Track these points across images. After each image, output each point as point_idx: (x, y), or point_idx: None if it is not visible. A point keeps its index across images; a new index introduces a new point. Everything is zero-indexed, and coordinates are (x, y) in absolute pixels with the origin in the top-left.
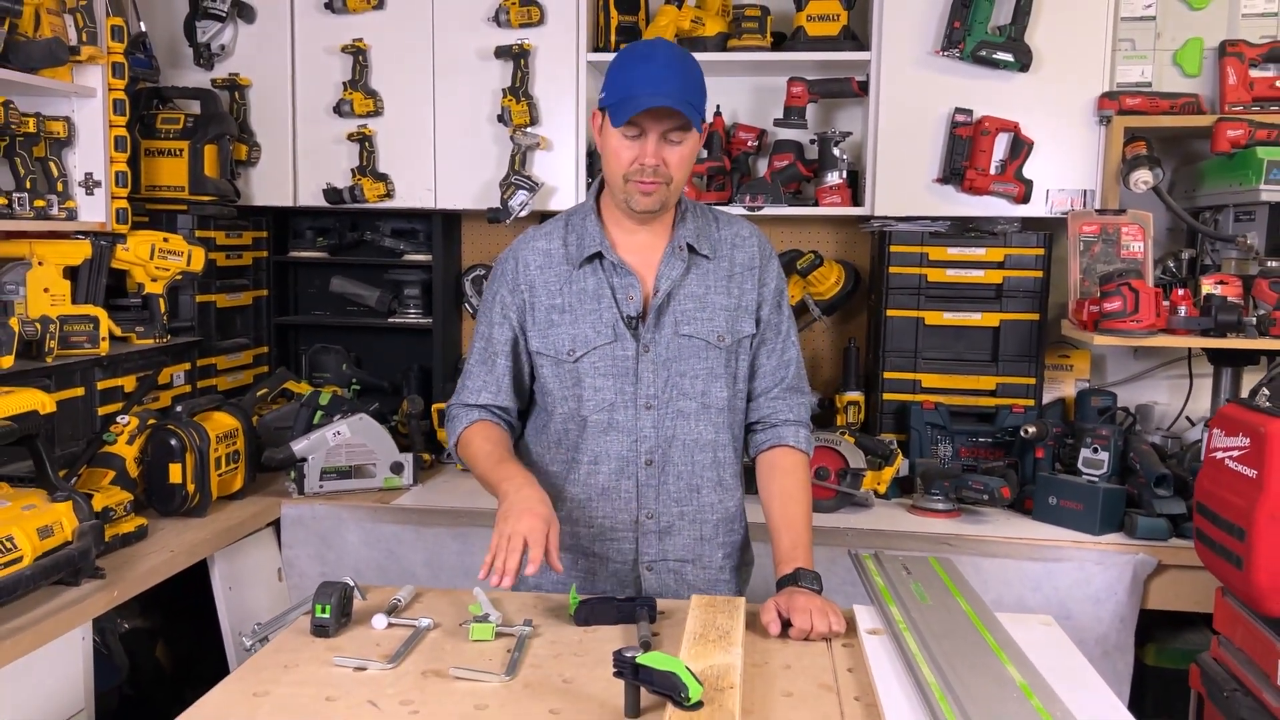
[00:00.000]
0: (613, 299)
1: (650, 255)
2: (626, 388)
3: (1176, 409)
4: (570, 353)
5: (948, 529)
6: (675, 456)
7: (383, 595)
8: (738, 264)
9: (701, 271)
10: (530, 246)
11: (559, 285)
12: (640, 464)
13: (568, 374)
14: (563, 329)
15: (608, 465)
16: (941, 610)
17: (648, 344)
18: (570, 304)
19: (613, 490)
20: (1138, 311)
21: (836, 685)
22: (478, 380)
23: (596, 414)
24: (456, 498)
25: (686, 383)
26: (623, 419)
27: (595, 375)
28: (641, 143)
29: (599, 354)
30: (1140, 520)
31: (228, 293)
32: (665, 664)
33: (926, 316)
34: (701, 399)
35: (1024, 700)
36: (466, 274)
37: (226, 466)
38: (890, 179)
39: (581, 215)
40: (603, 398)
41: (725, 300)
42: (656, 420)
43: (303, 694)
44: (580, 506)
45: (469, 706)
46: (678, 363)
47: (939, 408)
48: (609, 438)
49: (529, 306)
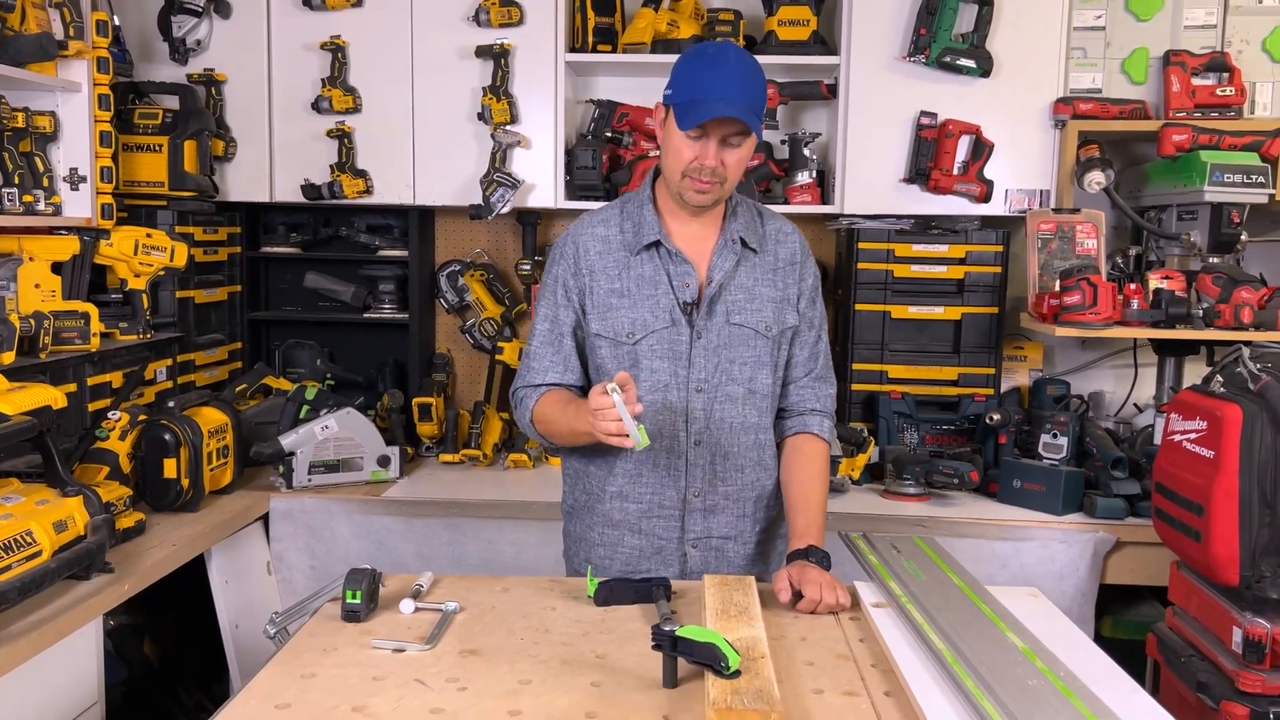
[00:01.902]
0: (669, 285)
1: (702, 245)
2: (680, 370)
3: (1123, 396)
4: (630, 335)
5: (919, 512)
6: (721, 438)
7: (400, 582)
8: (781, 259)
9: (750, 265)
10: (589, 233)
11: (618, 270)
12: (690, 444)
13: (625, 355)
14: (622, 312)
15: (658, 443)
16: (936, 585)
17: (701, 330)
18: (629, 288)
19: (663, 468)
20: (1096, 304)
21: (852, 654)
22: (544, 360)
23: (651, 394)
24: (443, 489)
25: (735, 369)
26: (675, 400)
27: (652, 357)
28: (703, 144)
29: (656, 337)
30: (1099, 501)
31: (205, 289)
32: (704, 636)
33: (893, 310)
34: (749, 385)
35: (1028, 662)
36: (441, 269)
37: (217, 461)
38: (858, 178)
39: (637, 204)
40: (658, 379)
41: (771, 292)
42: (705, 403)
43: (349, 675)
44: (631, 482)
45: (513, 681)
46: (728, 350)
47: (905, 397)
48: (661, 417)
49: (589, 290)
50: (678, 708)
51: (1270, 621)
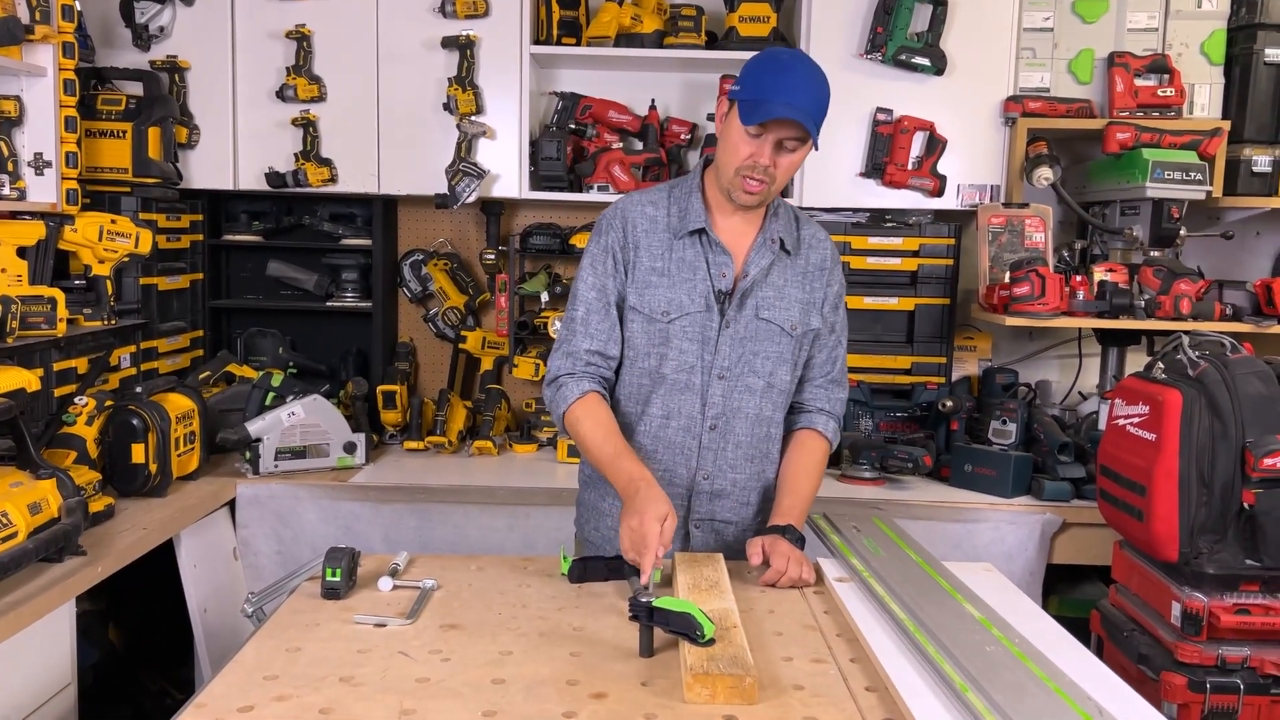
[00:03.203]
0: (707, 272)
1: (741, 239)
2: (706, 355)
3: (1067, 385)
4: (665, 314)
5: (875, 495)
6: (737, 426)
7: (376, 562)
8: (813, 263)
9: (783, 265)
10: (639, 211)
11: (661, 250)
12: (705, 427)
13: (658, 332)
14: (660, 291)
15: (678, 421)
16: (895, 561)
17: (730, 320)
18: (669, 269)
19: (677, 445)
20: (1044, 295)
21: (819, 625)
22: (592, 326)
23: (676, 373)
24: (409, 475)
25: (759, 362)
26: (698, 382)
27: (683, 338)
28: (761, 143)
29: (689, 320)
30: (1046, 484)
31: (168, 276)
32: (679, 606)
33: (848, 301)
34: (769, 379)
35: (985, 631)
36: (405, 258)
37: (184, 447)
38: (817, 172)
39: (686, 190)
40: (685, 359)
41: (800, 294)
42: (726, 390)
43: (334, 648)
44: (646, 457)
45: (495, 653)
46: (753, 342)
47: (861, 385)
48: (683, 397)
49: (633, 265)
50: (655, 675)
51: (1207, 595)
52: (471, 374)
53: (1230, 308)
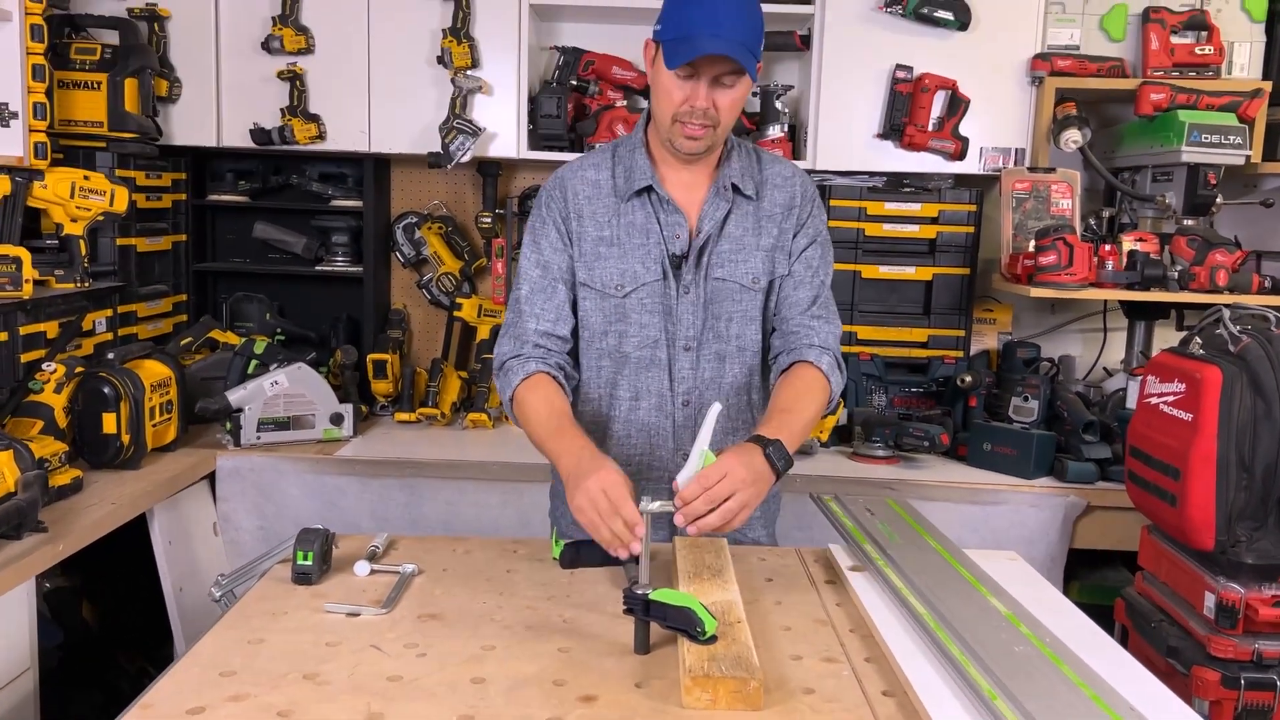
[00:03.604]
0: (660, 236)
1: (694, 194)
2: (669, 327)
3: (1091, 360)
4: (619, 287)
5: (888, 474)
6: (710, 399)
7: (354, 544)
8: (778, 204)
9: (742, 213)
10: (579, 176)
11: (607, 217)
12: (678, 404)
13: (613, 309)
14: (610, 263)
15: (648, 401)
16: (912, 548)
17: (688, 285)
18: (618, 237)
19: (652, 427)
20: (1072, 265)
21: (830, 619)
22: (536, 306)
23: (639, 350)
24: (398, 448)
25: (722, 325)
26: (664, 357)
27: (641, 312)
28: (693, 84)
29: (646, 291)
30: (1070, 464)
31: (148, 236)
32: (678, 600)
33: (863, 270)
34: (736, 342)
35: (1012, 627)
36: (397, 221)
37: (160, 417)
38: (831, 133)
39: (630, 148)
40: (647, 334)
41: (763, 241)
42: (694, 362)
43: (300, 640)
44: (620, 444)
45: (476, 647)
46: (714, 305)
47: (874, 359)
48: (650, 374)
49: (578, 237)
50: (651, 674)
51: (1244, 586)
52: (467, 343)
53: (1269, 280)
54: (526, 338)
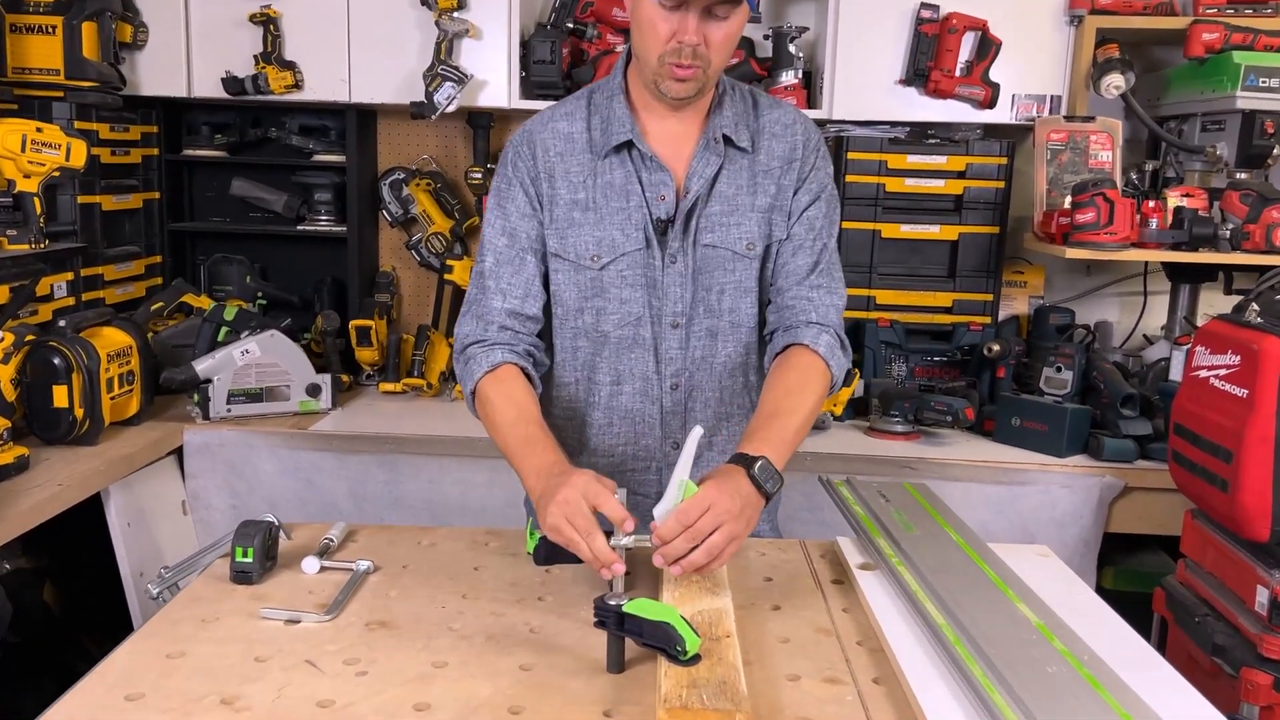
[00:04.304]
0: (642, 197)
1: (681, 147)
2: (654, 302)
3: (1129, 327)
4: (595, 258)
5: (907, 451)
6: (702, 381)
7: (310, 534)
8: (776, 156)
9: (736, 168)
10: (549, 129)
11: (582, 177)
12: (666, 388)
13: (590, 282)
14: (586, 230)
15: (631, 385)
16: (931, 541)
17: (674, 254)
18: (595, 200)
19: (636, 415)
20: (1112, 223)
21: (835, 629)
22: (502, 281)
23: (620, 329)
24: (381, 422)
25: (713, 298)
26: (648, 336)
27: (622, 286)
28: (682, 16)
29: (627, 261)
30: (1107, 442)
31: (114, 194)
32: (655, 612)
33: (883, 229)
34: (729, 317)
35: (1044, 642)
36: (384, 177)
37: (119, 389)
38: (849, 79)
39: (607, 94)
40: (629, 310)
41: (758, 200)
42: (682, 340)
43: (226, 653)
44: (600, 433)
45: (425, 664)
46: (704, 275)
47: (894, 325)
48: (633, 356)
49: (549, 200)
50: (624, 698)
51: None
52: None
53: None
54: (491, 318)
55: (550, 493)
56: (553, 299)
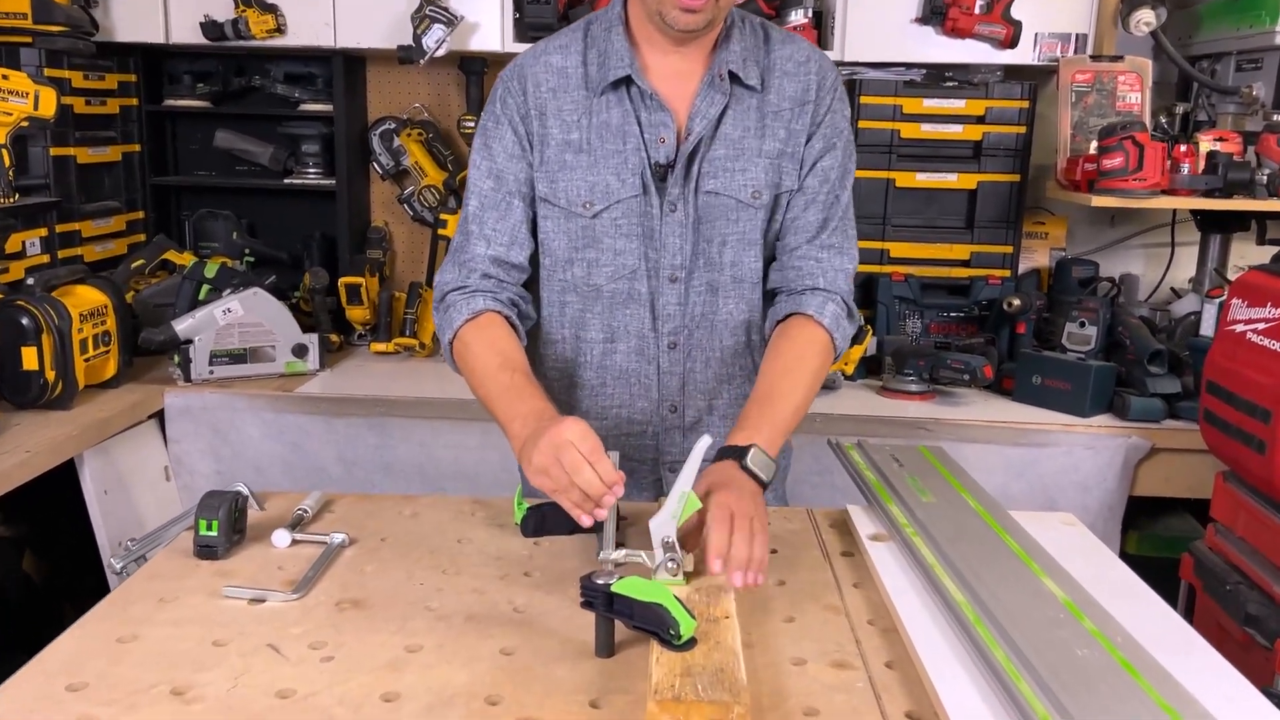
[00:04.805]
0: (640, 140)
1: (684, 85)
2: (651, 253)
3: (1154, 280)
4: (587, 205)
5: (923, 412)
6: (702, 339)
7: (285, 504)
8: (788, 96)
9: (743, 108)
10: (542, 63)
11: (576, 116)
12: (663, 346)
13: (580, 231)
14: (578, 174)
15: (625, 344)
16: (948, 509)
17: (674, 202)
18: (589, 141)
19: (630, 375)
20: (1141, 169)
21: (845, 606)
22: (486, 227)
23: (614, 283)
24: (371, 383)
25: (714, 250)
26: (644, 291)
27: (616, 236)
28: None
29: (623, 209)
30: (1133, 400)
31: (90, 146)
32: (647, 592)
33: (897, 178)
34: (731, 271)
35: (1073, 621)
36: (374, 127)
37: (94, 350)
38: (862, 18)
39: (605, 26)
40: (623, 263)
41: (766, 145)
42: (681, 296)
43: (182, 636)
44: (593, 395)
45: (398, 649)
46: (706, 225)
47: (909, 280)
48: (628, 311)
49: (540, 140)
50: (612, 686)
51: None
52: None
53: None
54: (474, 265)
55: (537, 435)
56: (540, 248)
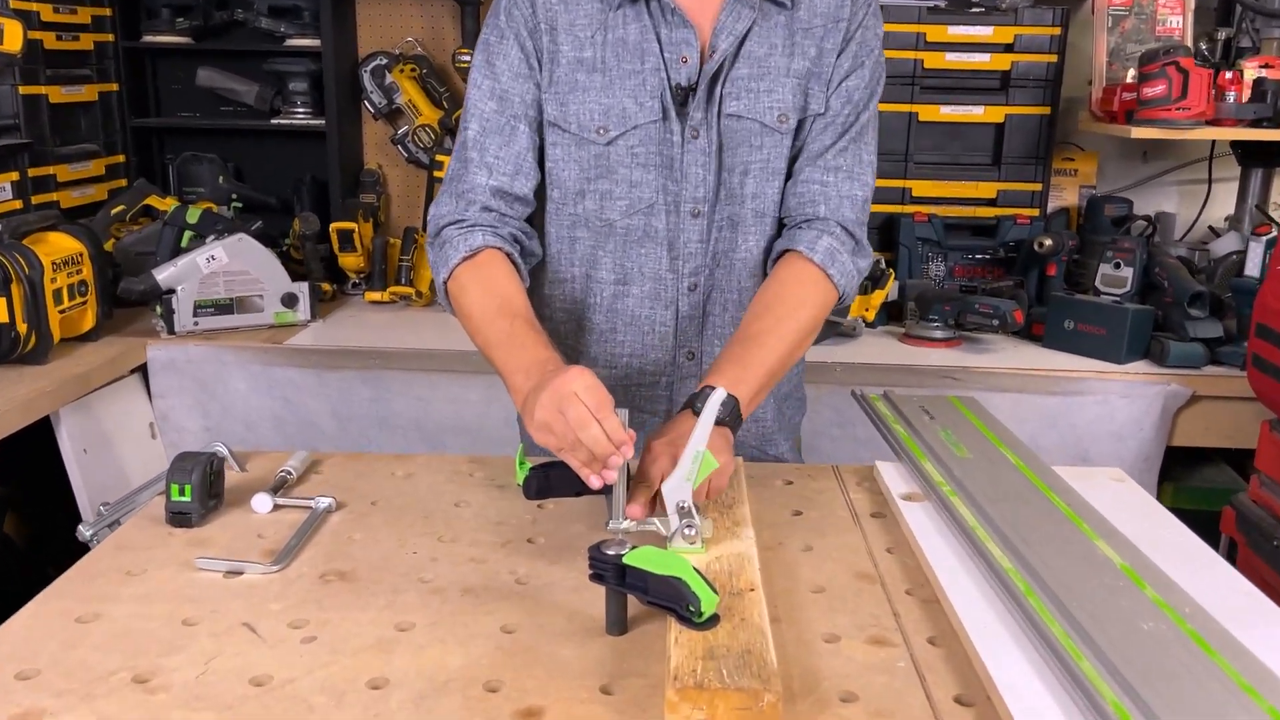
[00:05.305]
0: (660, 59)
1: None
2: (670, 185)
3: (1188, 218)
4: (601, 130)
5: (948, 360)
6: (721, 280)
7: (269, 465)
8: (819, 13)
9: (770, 25)
10: None
11: (590, 31)
12: (682, 288)
13: (594, 160)
14: (592, 95)
15: (640, 287)
16: (986, 465)
17: (696, 127)
18: (604, 60)
19: (645, 321)
20: (1185, 97)
21: (879, 573)
22: (488, 154)
23: (628, 218)
24: (364, 335)
25: (735, 180)
26: (662, 227)
27: (633, 165)
28: None
29: (640, 135)
30: (1172, 345)
31: (64, 85)
32: (664, 564)
33: (920, 111)
34: (753, 204)
35: (1134, 590)
36: (364, 63)
37: (70, 301)
38: None
39: None
40: (640, 195)
41: (795, 64)
42: (703, 232)
43: (149, 615)
44: (601, 341)
45: (387, 627)
46: (727, 153)
47: (932, 220)
48: (644, 250)
49: (549, 58)
50: (625, 669)
51: None
52: None
53: None
54: (473, 196)
55: (540, 387)
56: (548, 179)
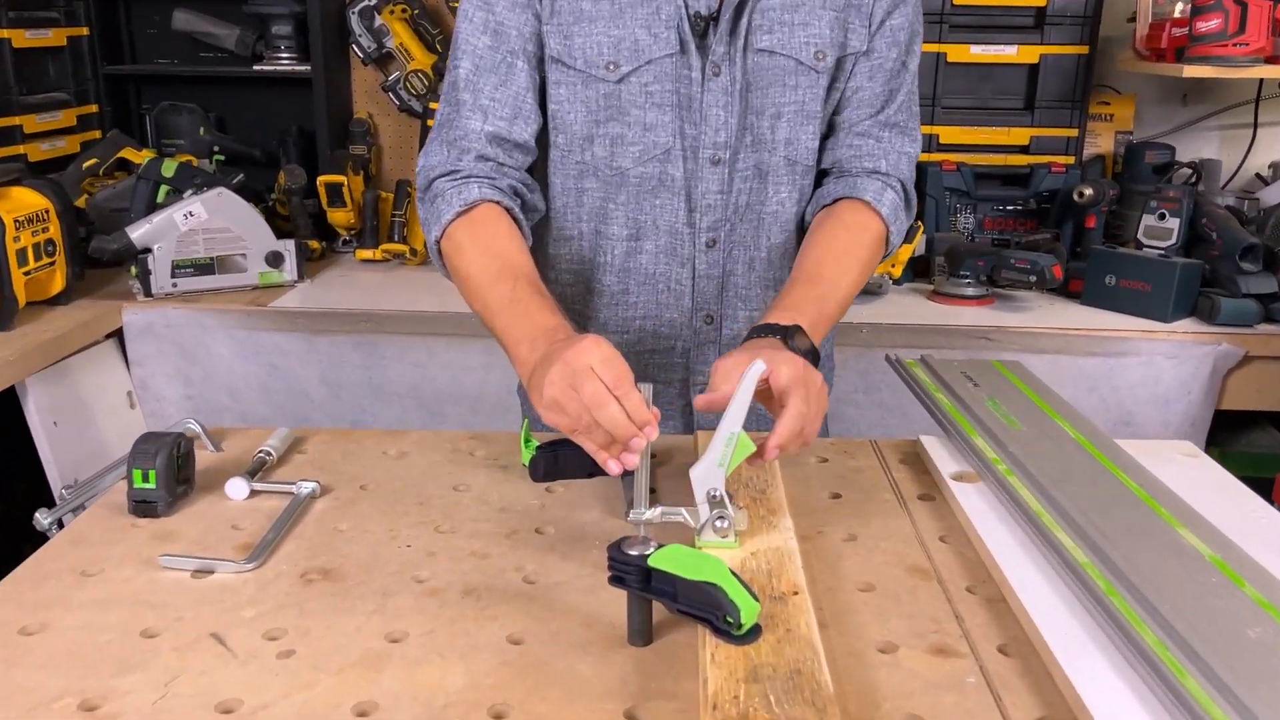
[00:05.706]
0: None
1: None
2: (689, 128)
3: (1232, 165)
4: (611, 66)
5: (981, 319)
6: (745, 235)
7: (247, 443)
8: None
9: None
10: None
11: None
12: (700, 244)
13: (602, 100)
14: (599, 26)
15: (653, 241)
16: (1044, 440)
17: (718, 63)
18: None
19: (659, 279)
20: (1243, 32)
21: (934, 568)
22: (483, 95)
23: (642, 165)
24: (357, 295)
25: (765, 125)
26: (679, 175)
27: (647, 105)
28: None
29: (655, 72)
30: (1223, 302)
31: (28, 29)
32: (695, 566)
33: (949, 51)
34: (785, 151)
35: (1231, 587)
36: (352, 5)
37: (36, 261)
38: None
39: None
40: (655, 140)
41: None
42: (724, 181)
43: (104, 625)
44: (612, 304)
45: (376, 638)
46: (755, 94)
47: (961, 169)
48: (658, 201)
49: None
50: (652, 689)
51: None
52: None
53: None
54: (467, 144)
55: (549, 360)
56: (552, 123)
